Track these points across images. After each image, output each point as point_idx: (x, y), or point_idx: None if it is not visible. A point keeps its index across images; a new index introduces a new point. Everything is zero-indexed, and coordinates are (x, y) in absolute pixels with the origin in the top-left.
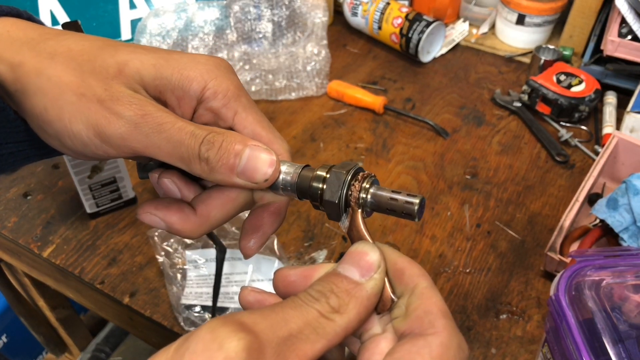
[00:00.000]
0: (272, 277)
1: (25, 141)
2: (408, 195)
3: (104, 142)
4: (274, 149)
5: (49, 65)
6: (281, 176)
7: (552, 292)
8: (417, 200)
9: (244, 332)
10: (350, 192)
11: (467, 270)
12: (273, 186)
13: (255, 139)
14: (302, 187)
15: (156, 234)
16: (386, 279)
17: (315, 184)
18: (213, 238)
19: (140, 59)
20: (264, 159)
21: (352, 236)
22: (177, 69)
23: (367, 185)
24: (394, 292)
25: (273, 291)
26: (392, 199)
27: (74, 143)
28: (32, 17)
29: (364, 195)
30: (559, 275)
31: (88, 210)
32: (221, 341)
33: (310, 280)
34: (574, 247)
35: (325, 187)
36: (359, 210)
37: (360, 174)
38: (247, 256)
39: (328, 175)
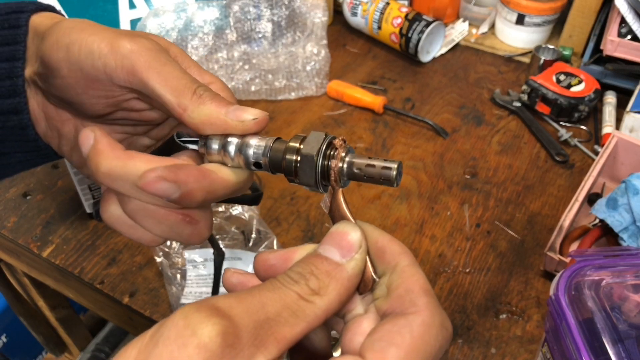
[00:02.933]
0: None
1: (33, 151)
2: (385, 161)
3: (111, 51)
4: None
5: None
6: (252, 150)
7: (551, 291)
8: (394, 165)
9: (218, 317)
10: (326, 162)
11: (467, 270)
12: (243, 156)
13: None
14: (276, 160)
15: None
16: (367, 259)
17: (289, 156)
18: (212, 242)
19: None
20: (256, 110)
21: (334, 216)
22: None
23: (344, 154)
24: (375, 271)
25: None
26: (369, 165)
27: (80, 51)
28: None
29: (341, 165)
30: (558, 275)
31: (87, 210)
32: (194, 327)
33: (290, 263)
34: (574, 246)
35: (300, 158)
36: (340, 190)
37: (335, 142)
38: (141, 180)
39: (302, 146)
